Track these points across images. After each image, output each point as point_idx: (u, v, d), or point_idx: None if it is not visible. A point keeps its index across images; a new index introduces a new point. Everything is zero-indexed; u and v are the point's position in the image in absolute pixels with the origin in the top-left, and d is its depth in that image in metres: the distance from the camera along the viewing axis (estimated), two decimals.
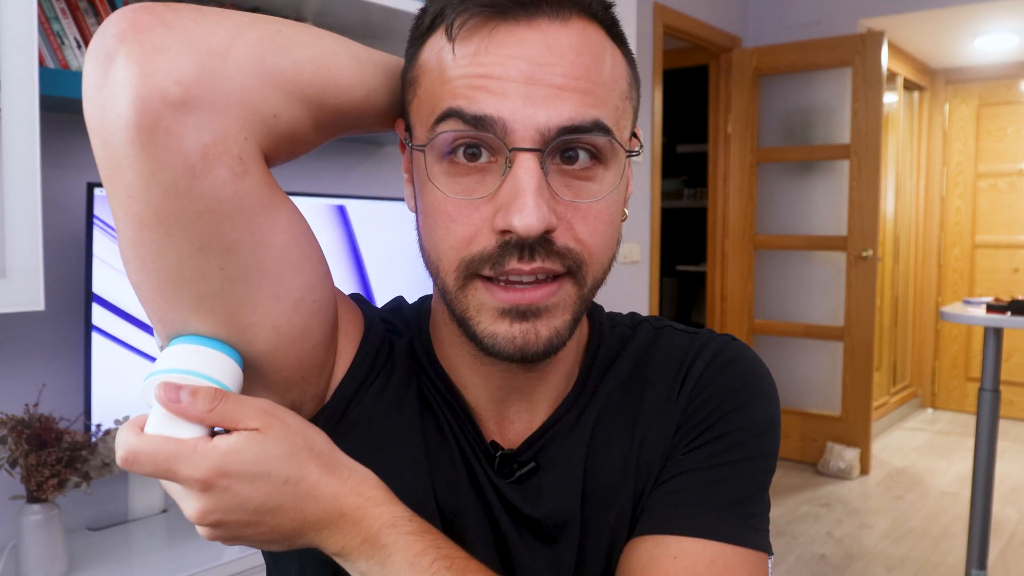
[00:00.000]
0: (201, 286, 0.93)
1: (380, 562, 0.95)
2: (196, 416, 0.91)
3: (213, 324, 0.96)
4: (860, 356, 7.03)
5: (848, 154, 6.96)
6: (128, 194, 0.89)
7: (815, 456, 7.25)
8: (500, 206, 0.98)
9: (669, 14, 6.37)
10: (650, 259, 6.38)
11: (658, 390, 1.19)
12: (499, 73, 0.97)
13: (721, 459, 1.13)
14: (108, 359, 2.70)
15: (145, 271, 0.93)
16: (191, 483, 0.90)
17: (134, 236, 0.91)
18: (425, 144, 1.02)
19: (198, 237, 0.91)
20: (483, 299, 1.02)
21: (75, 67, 2.63)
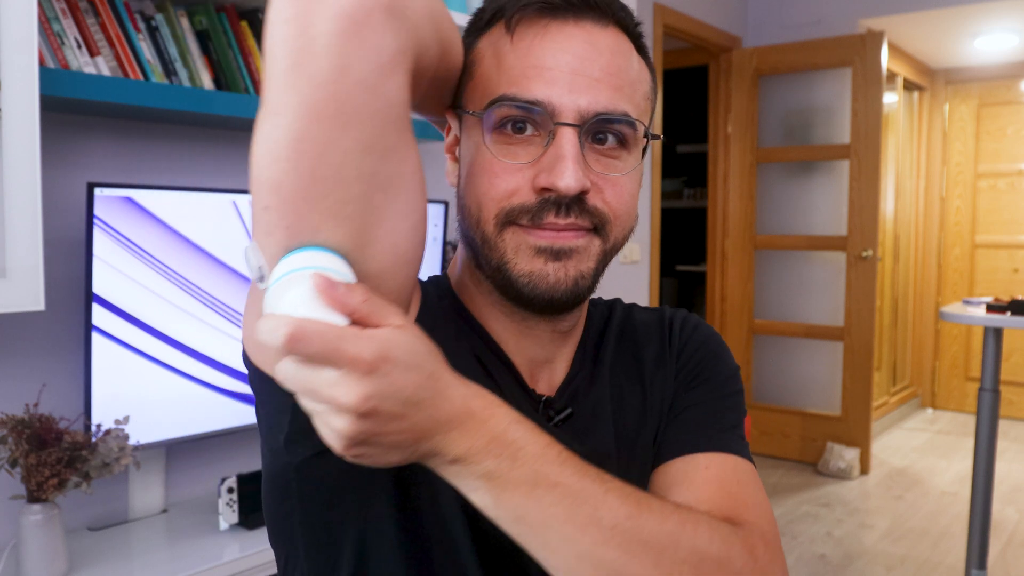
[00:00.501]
0: (352, 188, 0.95)
1: (510, 457, 1.00)
2: (352, 306, 0.91)
3: (345, 233, 0.97)
4: (860, 356, 7.04)
5: (848, 154, 6.96)
6: (313, 84, 0.91)
7: (815, 456, 7.25)
8: (542, 169, 1.17)
9: (669, 14, 6.37)
10: (650, 259, 6.38)
11: (651, 347, 1.45)
12: (550, 64, 1.17)
13: (717, 394, 1.40)
14: (108, 359, 2.70)
15: (300, 168, 0.93)
16: (357, 364, 0.89)
17: (304, 129, 0.92)
18: (482, 113, 1.19)
19: (367, 136, 0.95)
20: (520, 240, 1.19)
21: (75, 67, 2.63)
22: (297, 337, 0.86)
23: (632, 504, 1.06)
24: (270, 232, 0.95)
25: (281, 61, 0.92)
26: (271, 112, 0.93)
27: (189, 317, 2.87)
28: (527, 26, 1.19)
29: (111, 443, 2.58)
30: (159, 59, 2.87)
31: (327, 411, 0.91)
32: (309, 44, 0.91)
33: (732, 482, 1.26)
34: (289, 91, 0.92)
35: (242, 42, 3.10)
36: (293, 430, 1.12)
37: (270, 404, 1.15)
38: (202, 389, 2.95)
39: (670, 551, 1.05)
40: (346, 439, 0.92)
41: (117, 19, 2.76)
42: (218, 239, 2.93)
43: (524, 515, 1.01)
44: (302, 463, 1.15)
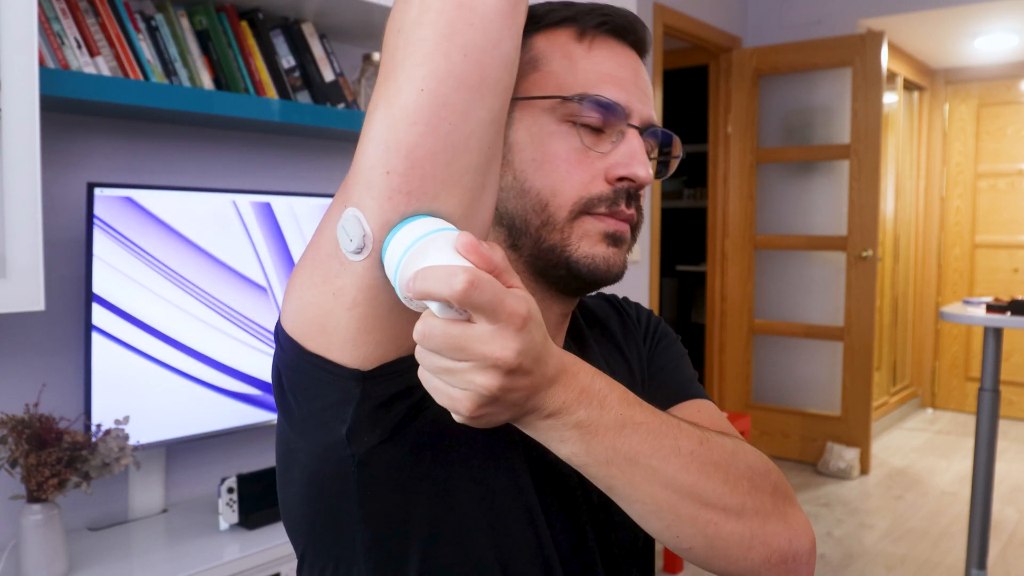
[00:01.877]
0: (477, 157, 1.02)
1: (599, 405, 1.08)
2: (495, 263, 0.95)
3: (458, 202, 1.03)
4: (860, 356, 7.04)
5: (848, 154, 6.96)
6: (465, 53, 0.97)
7: (815, 456, 7.26)
8: (617, 162, 1.29)
9: (669, 14, 6.37)
10: (650, 259, 6.38)
11: (613, 322, 1.62)
12: (621, 75, 1.32)
13: (678, 354, 1.62)
14: (108, 359, 2.70)
15: (437, 133, 0.98)
16: (514, 318, 0.93)
17: (447, 96, 0.98)
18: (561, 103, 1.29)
19: (498, 107, 1.03)
20: (590, 228, 1.30)
21: (75, 67, 2.63)
22: (476, 284, 0.89)
23: (699, 433, 1.18)
24: (389, 197, 0.99)
25: (432, 30, 0.98)
26: (414, 77, 0.98)
27: (189, 317, 2.87)
28: (601, 41, 1.34)
29: (111, 443, 2.58)
30: (159, 59, 2.87)
31: (472, 368, 0.94)
32: (470, 14, 0.98)
33: (719, 421, 1.46)
34: (438, 58, 0.97)
35: (242, 42, 3.10)
36: (358, 419, 1.12)
37: (326, 396, 1.13)
38: (202, 389, 2.94)
39: (733, 468, 1.19)
40: (484, 397, 0.95)
41: (117, 19, 2.75)
42: (218, 239, 2.93)
43: (614, 456, 1.09)
44: (367, 453, 1.15)
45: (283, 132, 3.44)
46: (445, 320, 0.92)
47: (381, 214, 0.99)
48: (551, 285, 1.36)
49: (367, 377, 1.09)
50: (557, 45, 1.33)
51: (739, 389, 7.62)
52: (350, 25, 3.48)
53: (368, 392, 1.10)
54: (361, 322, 1.06)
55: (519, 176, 1.31)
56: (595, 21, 1.34)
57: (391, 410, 1.13)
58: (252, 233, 3.04)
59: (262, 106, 3.03)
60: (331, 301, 1.06)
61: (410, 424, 1.15)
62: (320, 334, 1.09)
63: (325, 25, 3.46)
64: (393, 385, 1.10)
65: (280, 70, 3.22)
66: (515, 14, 1.00)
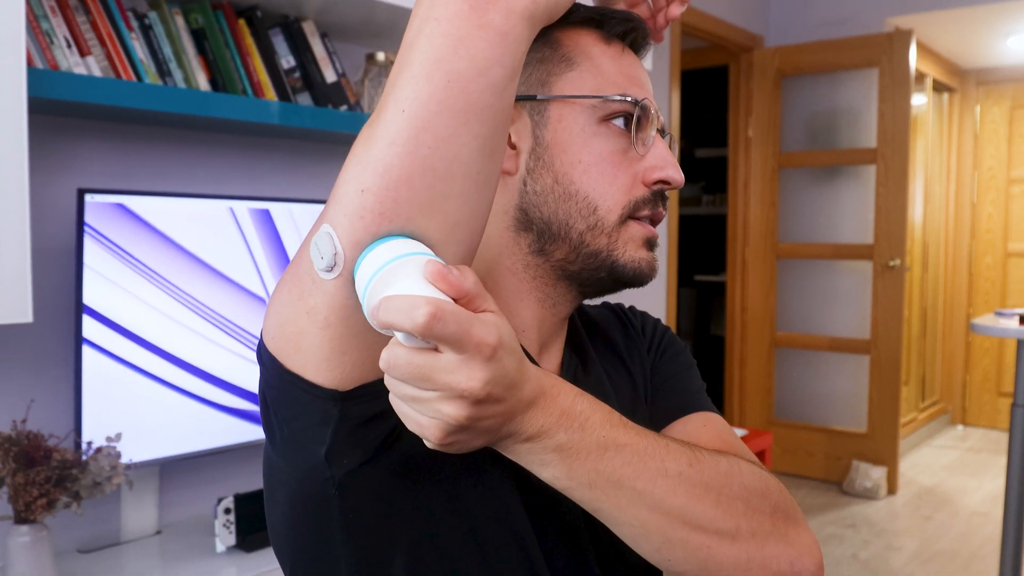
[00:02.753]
0: (455, 184, 1.02)
1: (580, 427, 1.09)
2: (464, 290, 0.96)
3: (435, 226, 1.03)
4: (887, 370, 7.02)
5: (875, 159, 6.95)
6: (449, 80, 0.98)
7: (840, 475, 7.24)
8: (651, 166, 1.36)
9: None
10: (667, 268, 6.39)
11: (617, 333, 1.65)
12: (645, 83, 1.41)
13: (685, 365, 1.64)
14: (99, 373, 2.69)
15: (415, 155, 0.98)
16: (482, 348, 0.94)
17: (429, 120, 0.98)
18: (601, 103, 1.35)
19: (484, 134, 1.02)
20: (635, 233, 1.37)
21: (64, 67, 2.63)
22: (438, 316, 0.91)
23: (688, 453, 1.19)
24: (361, 216, 0.99)
25: (419, 52, 1.00)
26: (399, 98, 0.99)
27: (184, 329, 2.86)
28: (623, 46, 1.41)
29: (102, 461, 2.58)
30: (153, 59, 2.87)
31: (439, 398, 0.96)
32: (455, 44, 0.99)
33: (725, 434, 1.48)
34: (421, 81, 0.99)
35: (240, 41, 3.10)
36: (337, 441, 1.14)
37: (305, 416, 1.14)
38: (198, 405, 2.94)
39: (726, 489, 1.20)
40: (452, 426, 0.97)
41: (109, 17, 2.75)
42: (214, 248, 2.93)
43: (596, 479, 1.11)
44: (347, 475, 1.17)
45: (283, 135, 3.44)
46: (410, 349, 0.94)
47: (352, 233, 1.00)
48: (579, 286, 1.42)
49: (345, 397, 1.11)
50: (585, 46, 1.38)
51: (760, 405, 7.60)
52: (353, 23, 3.47)
53: (346, 413, 1.11)
54: (335, 342, 1.07)
55: (562, 179, 1.35)
56: (621, 29, 1.40)
57: (371, 431, 1.14)
58: (250, 241, 3.03)
59: (261, 108, 3.02)
60: (305, 319, 1.07)
61: (391, 446, 1.17)
62: (296, 353, 1.10)
63: (327, 23, 3.46)
64: (372, 406, 1.11)
65: (279, 71, 3.22)
66: (505, 42, 1.01)
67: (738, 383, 7.66)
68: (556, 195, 1.35)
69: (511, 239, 1.40)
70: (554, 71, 1.37)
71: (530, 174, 1.37)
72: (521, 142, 1.38)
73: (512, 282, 1.41)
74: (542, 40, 1.38)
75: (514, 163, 1.38)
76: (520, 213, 1.38)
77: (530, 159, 1.37)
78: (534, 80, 1.38)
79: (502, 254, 1.41)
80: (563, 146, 1.35)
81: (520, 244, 1.40)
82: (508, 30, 1.00)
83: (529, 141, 1.37)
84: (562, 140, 1.35)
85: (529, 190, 1.36)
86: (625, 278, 1.39)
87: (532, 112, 1.37)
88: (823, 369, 7.45)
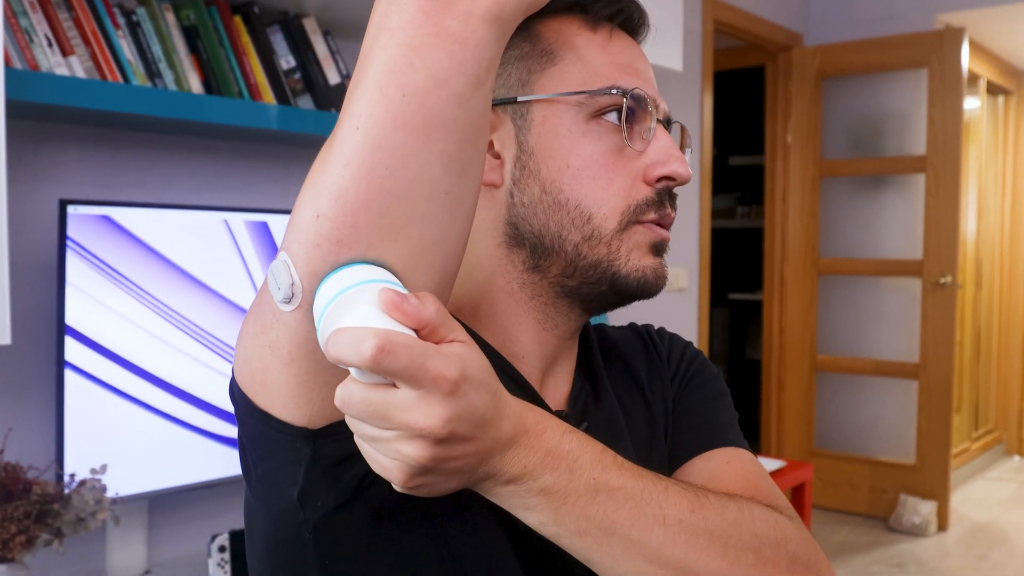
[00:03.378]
0: (426, 206, 1.00)
1: (567, 468, 1.07)
2: (423, 319, 0.94)
3: (399, 252, 1.00)
4: (937, 396, 6.99)
5: (924, 167, 6.94)
6: (403, 93, 0.96)
7: (886, 510, 7.21)
8: (653, 162, 1.34)
9: (720, 8, 6.37)
10: (698, 286, 6.38)
11: (639, 359, 1.60)
12: (640, 68, 1.38)
13: (714, 394, 1.59)
14: (83, 400, 2.69)
15: (371, 177, 0.96)
16: (440, 383, 0.92)
17: (385, 138, 0.96)
18: (588, 98, 1.33)
19: (448, 151, 0.99)
20: (640, 239, 1.34)
21: (45, 68, 2.63)
22: (387, 350, 0.88)
23: (692, 498, 1.16)
24: (317, 244, 0.97)
25: (374, 65, 0.98)
26: (353, 114, 0.97)
27: (175, 352, 2.86)
28: (618, 33, 1.39)
29: (86, 495, 2.57)
30: (141, 59, 2.87)
31: (398, 437, 0.94)
32: (409, 55, 0.96)
33: (752, 473, 1.43)
34: (375, 95, 0.96)
35: (235, 39, 3.10)
36: (310, 482, 1.13)
37: (277, 455, 1.15)
38: (190, 434, 2.93)
39: (734, 539, 1.16)
40: (414, 468, 0.95)
41: (93, 13, 2.75)
42: (208, 263, 2.92)
43: (587, 526, 1.08)
44: (322, 519, 1.16)
45: (282, 142, 3.44)
46: (365, 385, 0.92)
47: (309, 262, 0.98)
48: (580, 303, 1.40)
49: (316, 436, 1.10)
50: (568, 35, 1.36)
51: (800, 434, 7.58)
52: (357, 20, 3.46)
53: (318, 452, 1.11)
54: (300, 378, 1.06)
55: (550, 188, 1.33)
56: (608, 11, 1.38)
57: (346, 471, 1.14)
58: (247, 256, 3.03)
59: (258, 112, 3.02)
60: (268, 354, 1.06)
61: (369, 487, 1.15)
62: (264, 389, 1.10)
63: (329, 20, 3.47)
64: (346, 445, 1.08)
65: (278, 71, 3.22)
66: (465, 49, 0.98)
67: (776, 411, 7.64)
68: (545, 205, 1.34)
69: (503, 257, 1.39)
70: (534, 68, 1.36)
71: (516, 185, 1.36)
72: (505, 150, 1.37)
73: (508, 303, 1.40)
74: (521, 35, 1.37)
75: (499, 174, 1.37)
76: (510, 228, 1.37)
77: (515, 168, 1.36)
78: (514, 80, 1.37)
79: (495, 273, 1.40)
80: (549, 151, 1.34)
81: (513, 261, 1.39)
82: (468, 36, 0.97)
83: (513, 148, 1.36)
84: (547, 144, 1.34)
85: (517, 202, 1.35)
86: (629, 290, 1.36)
87: (514, 116, 1.36)
88: (868, 395, 7.44)
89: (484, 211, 1.38)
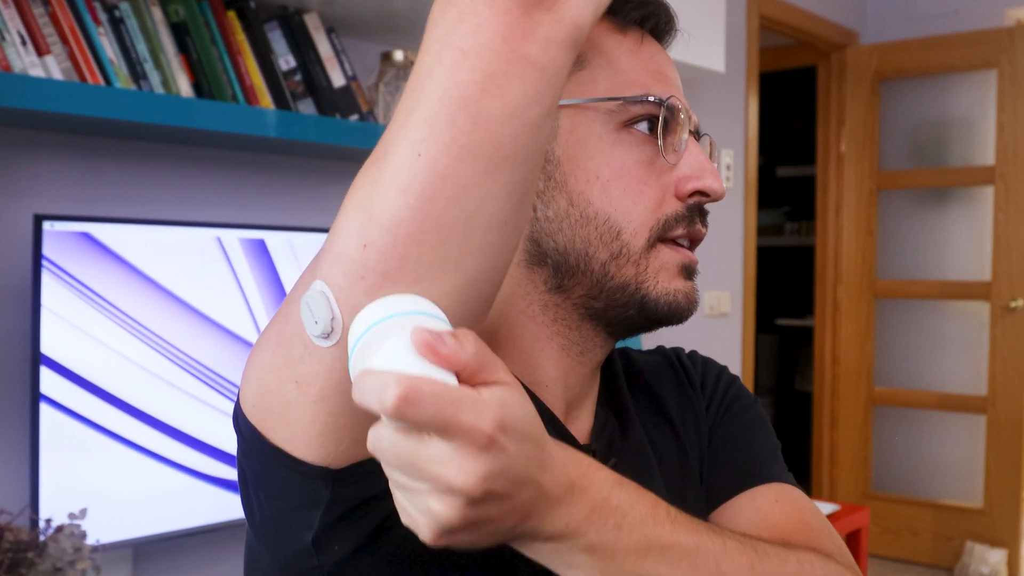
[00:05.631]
0: (484, 237, 1.01)
1: (616, 525, 1.04)
2: (462, 362, 0.90)
3: (448, 286, 1.01)
4: (1007, 433, 6.96)
5: (992, 178, 6.93)
6: (475, 122, 0.96)
7: (951, 559, 7.18)
8: (685, 175, 1.36)
9: (767, 3, 6.38)
10: (743, 311, 6.39)
11: (668, 389, 1.63)
12: (671, 76, 1.41)
13: (753, 424, 1.62)
14: (60, 437, 2.69)
15: (430, 208, 0.97)
16: (474, 437, 0.88)
17: (450, 167, 0.97)
18: (619, 106, 1.35)
19: (516, 180, 1.01)
20: (667, 259, 1.36)
21: (19, 69, 2.63)
22: (411, 399, 0.84)
23: (751, 552, 1.16)
24: (362, 276, 0.98)
25: (439, 87, 0.97)
26: (414, 139, 0.97)
27: (163, 384, 2.85)
28: (648, 38, 1.42)
29: (64, 543, 2.57)
30: (124, 59, 2.87)
31: (429, 491, 0.90)
32: (483, 81, 0.97)
33: (804, 512, 1.46)
34: (442, 122, 0.97)
35: (229, 38, 3.11)
36: (326, 526, 1.14)
37: (289, 495, 1.15)
38: (178, 475, 2.93)
39: None
40: (444, 527, 0.92)
41: (72, 9, 2.76)
42: (199, 285, 2.93)
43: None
44: (338, 565, 1.17)
45: (281, 151, 3.45)
46: (396, 430, 0.89)
47: (351, 295, 0.99)
48: (606, 327, 1.42)
49: (337, 477, 1.11)
50: (597, 37, 1.38)
51: (855, 474, 7.56)
52: (364, 16, 3.47)
53: (338, 495, 1.11)
54: (331, 418, 1.05)
55: (578, 200, 1.35)
56: (638, 15, 1.41)
57: (366, 515, 1.14)
58: (241, 278, 3.03)
59: (254, 118, 3.03)
60: (294, 390, 1.06)
61: (388, 531, 1.15)
62: (282, 425, 1.10)
63: (333, 17, 3.47)
64: (368, 487, 1.10)
65: (277, 73, 3.23)
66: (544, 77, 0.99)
67: (828, 448, 7.63)
68: (572, 220, 1.35)
69: (524, 276, 1.40)
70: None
71: (540, 197, 1.37)
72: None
73: (529, 328, 1.41)
74: None
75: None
76: (532, 245, 1.38)
77: (540, 178, 1.36)
78: None
79: (515, 295, 1.41)
80: (577, 161, 1.35)
81: (535, 281, 1.40)
82: (547, 63, 0.98)
83: None
84: (575, 154, 1.35)
85: (540, 216, 1.36)
86: (659, 315, 1.37)
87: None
88: (930, 431, 7.42)
89: None
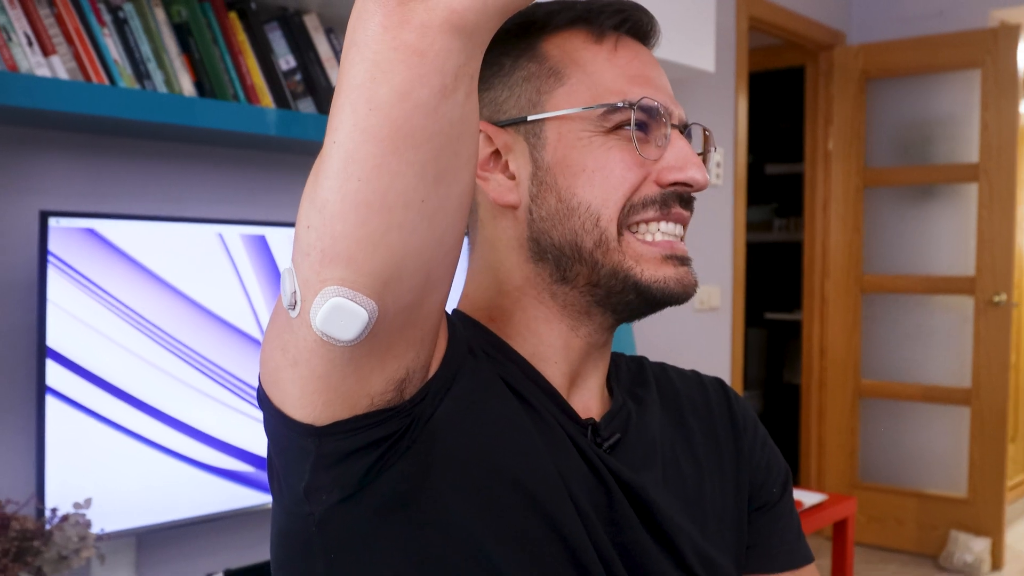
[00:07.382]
0: (396, 216, 1.06)
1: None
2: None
3: (380, 262, 1.07)
4: (991, 424, 6.96)
5: (976, 176, 6.92)
6: (370, 107, 1.02)
7: (935, 547, 7.19)
8: (667, 167, 1.42)
9: (756, 4, 6.37)
10: (732, 305, 6.38)
11: (698, 406, 1.70)
12: (651, 76, 1.47)
13: (791, 496, 1.70)
14: (65, 428, 2.68)
15: (346, 189, 1.04)
16: None
17: (355, 150, 1.03)
18: (600, 112, 1.42)
19: (420, 160, 1.05)
20: (640, 250, 1.43)
21: (25, 69, 2.63)
22: None
23: None
24: (307, 253, 1.07)
25: (345, 78, 1.05)
26: (331, 128, 1.06)
27: (165, 377, 2.85)
28: (622, 42, 1.48)
29: (69, 532, 2.57)
30: (128, 59, 2.87)
31: None
32: (372, 69, 1.02)
33: None
34: (347, 109, 1.04)
35: (230, 38, 3.10)
36: (315, 476, 1.22)
37: (288, 451, 1.24)
38: (181, 465, 2.92)
39: None
40: None
41: (77, 10, 2.75)
42: (201, 280, 2.92)
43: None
44: (326, 513, 1.26)
45: (281, 148, 3.44)
46: None
47: (302, 271, 1.08)
48: (612, 312, 1.50)
49: (321, 433, 1.19)
50: (574, 50, 1.47)
51: (842, 465, 7.56)
52: None
53: (323, 449, 1.19)
54: (304, 381, 1.15)
55: (565, 195, 1.44)
56: (613, 21, 1.48)
57: (350, 467, 1.22)
58: (243, 273, 3.03)
59: (255, 117, 3.02)
60: (280, 356, 1.16)
61: (372, 483, 1.24)
62: (276, 388, 1.20)
63: (332, 17, 3.47)
64: (350, 442, 1.20)
65: (277, 72, 3.22)
66: (424, 61, 1.02)
67: (816, 439, 7.63)
68: (561, 214, 1.44)
69: (532, 271, 1.50)
70: (543, 89, 1.47)
71: (534, 201, 1.47)
72: (520, 170, 1.48)
73: (541, 310, 1.51)
74: (527, 55, 1.49)
75: (515, 194, 1.49)
76: (532, 244, 1.48)
77: (532, 185, 1.47)
78: (524, 102, 1.48)
79: (526, 284, 1.52)
80: (566, 161, 1.44)
81: (541, 275, 1.50)
82: (426, 48, 1.02)
83: (529, 167, 1.47)
84: (564, 156, 1.44)
85: (536, 217, 1.46)
86: (655, 300, 1.45)
87: (528, 136, 1.47)
88: (916, 423, 7.42)
89: (508, 231, 1.50)
